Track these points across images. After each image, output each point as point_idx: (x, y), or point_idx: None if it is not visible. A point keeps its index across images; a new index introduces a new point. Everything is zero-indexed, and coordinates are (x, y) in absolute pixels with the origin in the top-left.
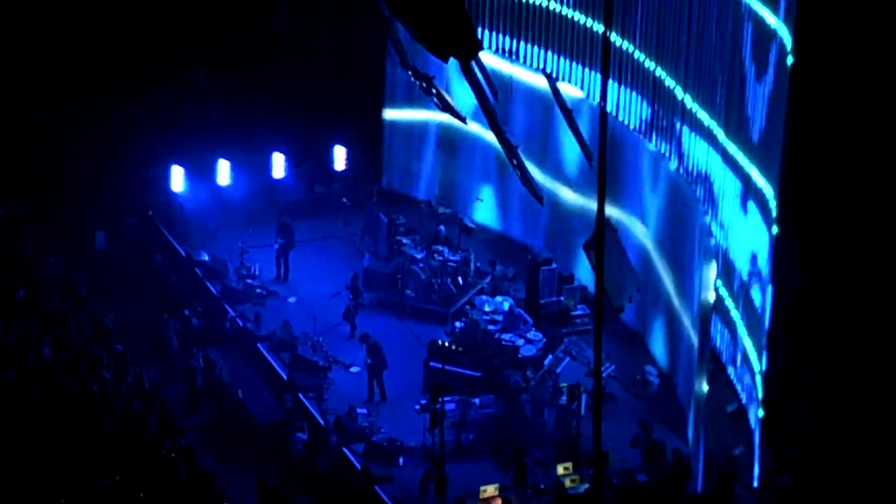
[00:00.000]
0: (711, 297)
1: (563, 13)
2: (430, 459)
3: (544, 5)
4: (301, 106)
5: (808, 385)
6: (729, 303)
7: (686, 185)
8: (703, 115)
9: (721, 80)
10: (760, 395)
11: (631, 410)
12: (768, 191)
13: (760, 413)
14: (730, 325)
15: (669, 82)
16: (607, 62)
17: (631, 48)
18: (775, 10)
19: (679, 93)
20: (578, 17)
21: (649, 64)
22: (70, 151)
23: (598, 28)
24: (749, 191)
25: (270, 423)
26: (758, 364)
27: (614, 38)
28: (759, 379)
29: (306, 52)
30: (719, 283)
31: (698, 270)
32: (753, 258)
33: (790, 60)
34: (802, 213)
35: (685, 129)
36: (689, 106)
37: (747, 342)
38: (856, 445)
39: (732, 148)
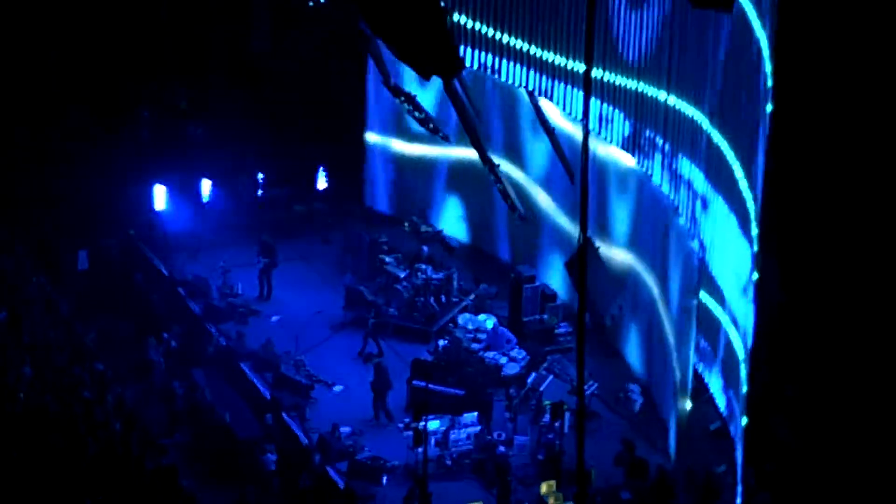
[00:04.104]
0: (694, 316)
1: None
2: (413, 478)
3: (525, 49)
4: (283, 125)
5: (789, 402)
6: (712, 319)
7: (668, 200)
8: (686, 132)
9: (704, 95)
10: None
11: (614, 428)
12: (750, 207)
13: (744, 421)
14: (713, 342)
15: (653, 97)
16: (589, 78)
17: (612, 73)
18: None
19: (662, 109)
20: (559, 60)
21: (632, 82)
22: (51, 171)
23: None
24: (731, 208)
25: (250, 442)
26: (743, 378)
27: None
28: (744, 369)
29: (288, 72)
30: (703, 297)
31: (680, 289)
32: (735, 274)
33: (769, 83)
34: (783, 230)
35: (667, 146)
36: (671, 122)
37: (729, 359)
38: (837, 463)
39: (714, 165)
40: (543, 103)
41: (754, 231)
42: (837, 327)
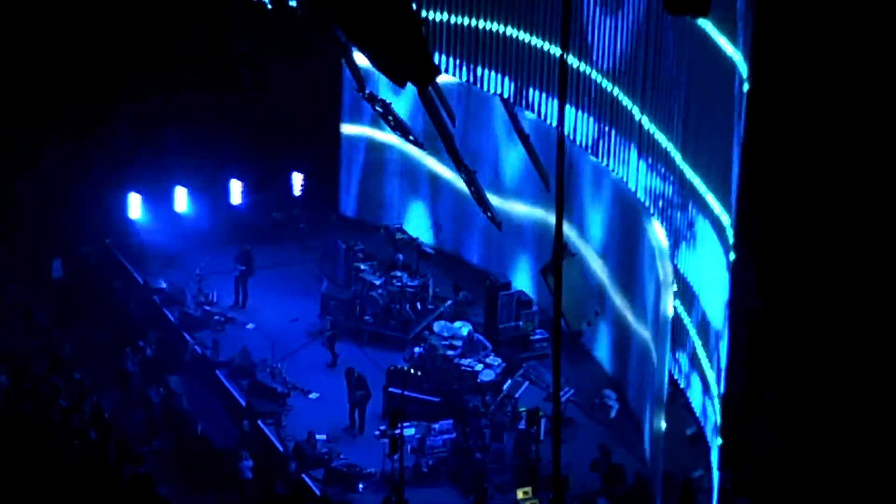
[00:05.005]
0: (670, 318)
1: (521, 38)
2: (389, 485)
3: (501, 31)
4: (258, 132)
5: (767, 408)
6: (688, 325)
7: (643, 209)
8: (661, 138)
9: (678, 103)
10: (718, 418)
11: (590, 434)
12: (725, 213)
13: (718, 441)
14: (687, 348)
15: (626, 105)
16: (564, 84)
17: (588, 70)
18: (733, 40)
19: (636, 115)
20: (536, 41)
21: (606, 85)
22: (25, 178)
23: (556, 51)
24: (706, 213)
25: (227, 449)
26: (716, 387)
27: (571, 61)
28: (716, 402)
29: (263, 79)
30: (677, 303)
31: (655, 294)
32: (711, 281)
33: (746, 87)
34: (760, 235)
35: (642, 153)
36: (645, 128)
37: (705, 365)
38: (816, 468)
39: (689, 170)
40: None
41: (730, 237)
42: (816, 333)
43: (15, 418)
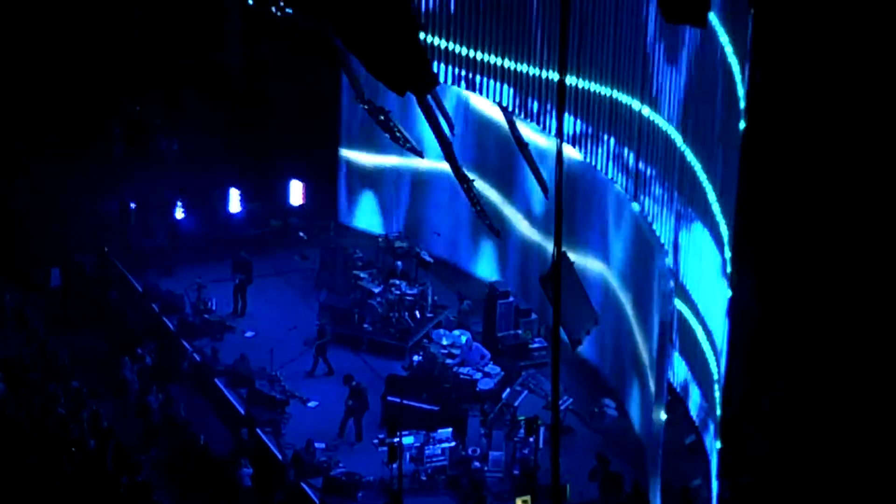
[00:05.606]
0: (669, 331)
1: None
2: (388, 494)
3: (498, 63)
4: (257, 140)
5: (764, 415)
6: (688, 332)
7: (644, 220)
8: (658, 145)
9: (675, 108)
10: (717, 425)
11: (589, 443)
12: (723, 219)
13: (718, 445)
14: (688, 355)
15: (626, 110)
16: (563, 97)
17: (587, 81)
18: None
19: (636, 122)
20: (533, 70)
21: (605, 91)
22: (23, 186)
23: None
24: (705, 220)
25: (226, 457)
26: (715, 394)
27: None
28: (717, 403)
29: (262, 86)
30: (678, 302)
31: (657, 303)
32: (709, 288)
33: (742, 125)
34: (758, 242)
35: (641, 161)
36: (644, 136)
37: (704, 372)
38: (813, 475)
39: (688, 177)
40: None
41: (727, 247)
42: (813, 340)
43: (13, 426)
